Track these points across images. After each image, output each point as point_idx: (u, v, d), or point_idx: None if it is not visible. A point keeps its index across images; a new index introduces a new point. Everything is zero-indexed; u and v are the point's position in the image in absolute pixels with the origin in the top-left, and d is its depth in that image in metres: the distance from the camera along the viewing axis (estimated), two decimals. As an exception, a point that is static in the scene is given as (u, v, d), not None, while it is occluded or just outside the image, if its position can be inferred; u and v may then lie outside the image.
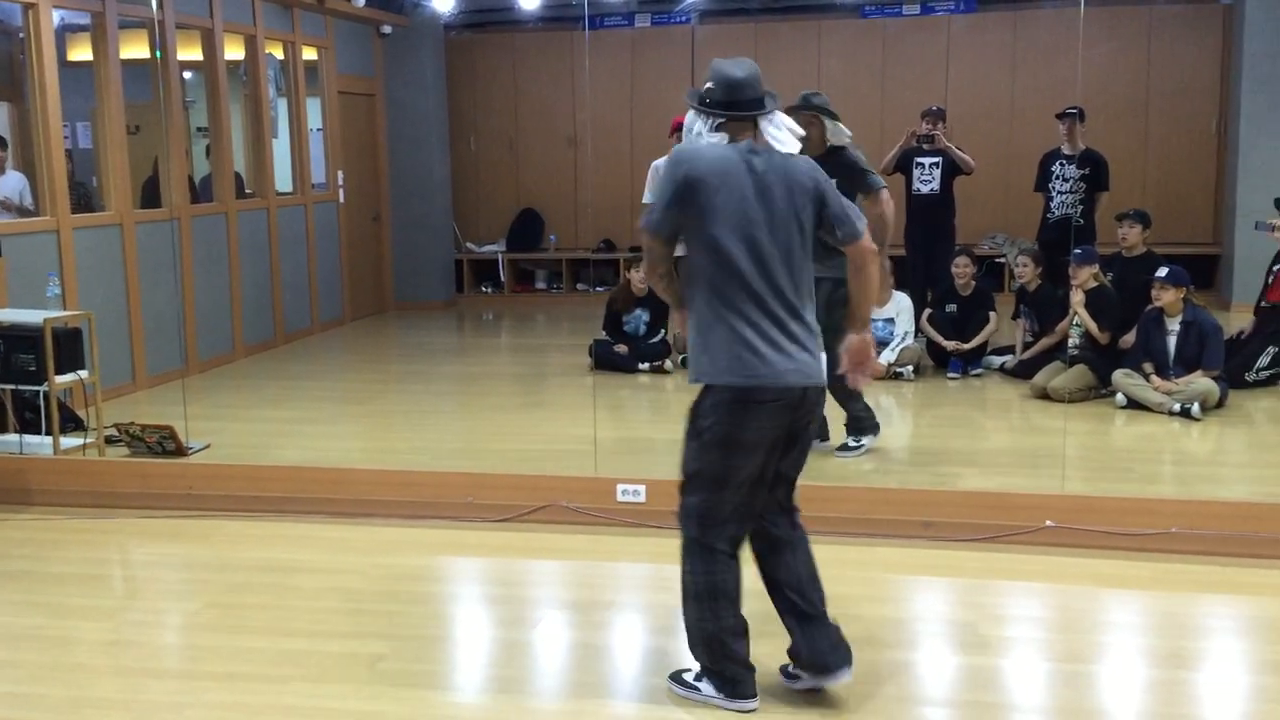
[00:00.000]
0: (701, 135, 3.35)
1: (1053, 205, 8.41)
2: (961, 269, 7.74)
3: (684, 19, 11.45)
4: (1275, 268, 7.31)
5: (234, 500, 5.37)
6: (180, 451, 5.90)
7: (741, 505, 3.33)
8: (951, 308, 7.75)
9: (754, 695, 3.37)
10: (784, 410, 3.24)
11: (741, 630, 3.37)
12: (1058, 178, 8.36)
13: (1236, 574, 4.43)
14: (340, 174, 10.35)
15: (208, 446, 6.07)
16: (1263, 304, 7.31)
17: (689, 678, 3.47)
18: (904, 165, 8.40)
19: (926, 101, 9.23)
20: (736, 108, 3.30)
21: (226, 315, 8.67)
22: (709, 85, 3.38)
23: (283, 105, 9.66)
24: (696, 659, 3.44)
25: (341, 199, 10.39)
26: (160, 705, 3.49)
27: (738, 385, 3.22)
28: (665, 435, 6.57)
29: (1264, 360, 6.99)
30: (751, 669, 3.38)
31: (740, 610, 3.37)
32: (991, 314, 7.72)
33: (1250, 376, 6.95)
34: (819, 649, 3.36)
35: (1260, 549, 4.56)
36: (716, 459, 3.30)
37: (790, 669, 3.48)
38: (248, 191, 9.27)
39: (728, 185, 3.20)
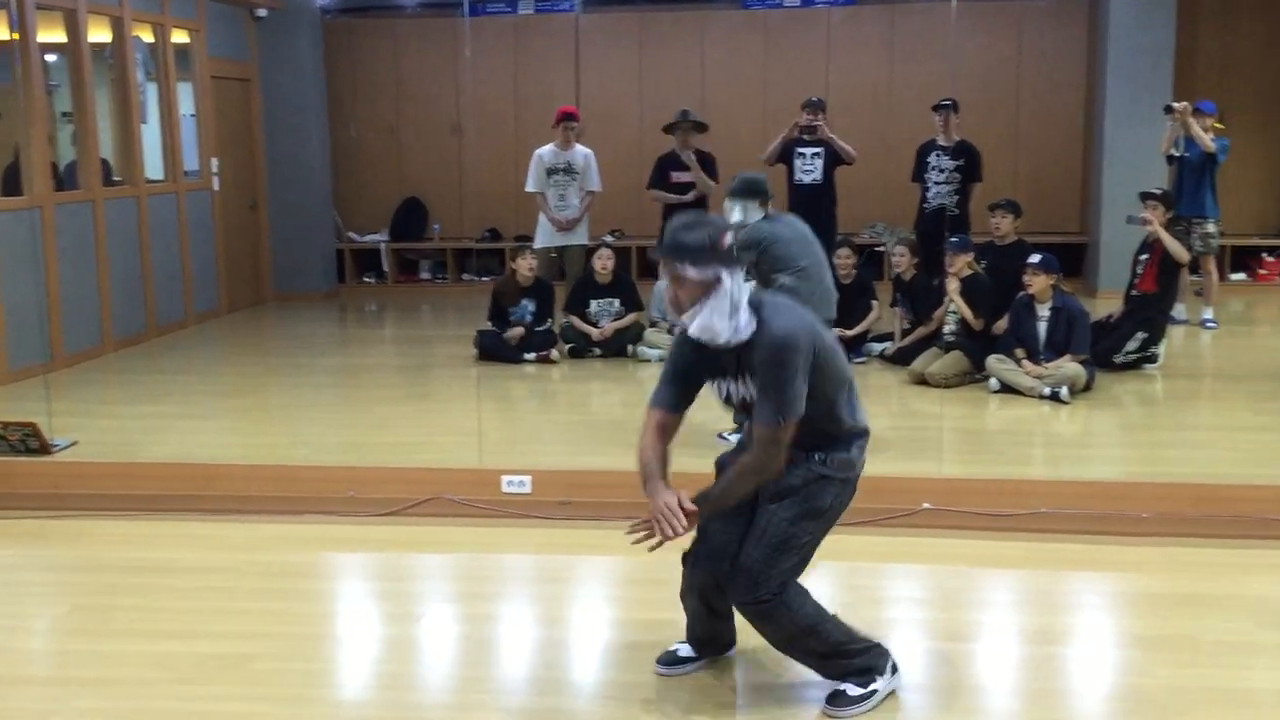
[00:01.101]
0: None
1: (929, 195, 8.60)
2: (844, 260, 7.85)
3: (567, 7, 11.40)
4: (1142, 257, 7.57)
5: (102, 499, 5.19)
6: (44, 449, 5.66)
7: None
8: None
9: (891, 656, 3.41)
10: None
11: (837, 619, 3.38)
12: (933, 168, 8.55)
13: (1104, 551, 4.59)
14: (215, 161, 10.06)
15: (74, 444, 5.84)
16: (1133, 292, 7.57)
17: (858, 691, 3.31)
18: (786, 156, 8.49)
19: (808, 93, 9.34)
20: None
21: (94, 307, 8.35)
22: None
23: (153, 90, 9.34)
24: (855, 672, 3.33)
25: (216, 187, 10.09)
26: (26, 713, 3.36)
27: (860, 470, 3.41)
28: (551, 425, 6.55)
29: (1132, 345, 7.26)
30: (872, 640, 3.41)
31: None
32: (873, 302, 7.87)
33: (1119, 359, 7.21)
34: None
35: (1126, 526, 4.74)
36: (822, 531, 3.33)
37: (684, 653, 3.55)
38: (115, 179, 8.94)
39: None
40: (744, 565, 3.22)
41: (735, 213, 5.57)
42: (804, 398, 3.11)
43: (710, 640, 3.57)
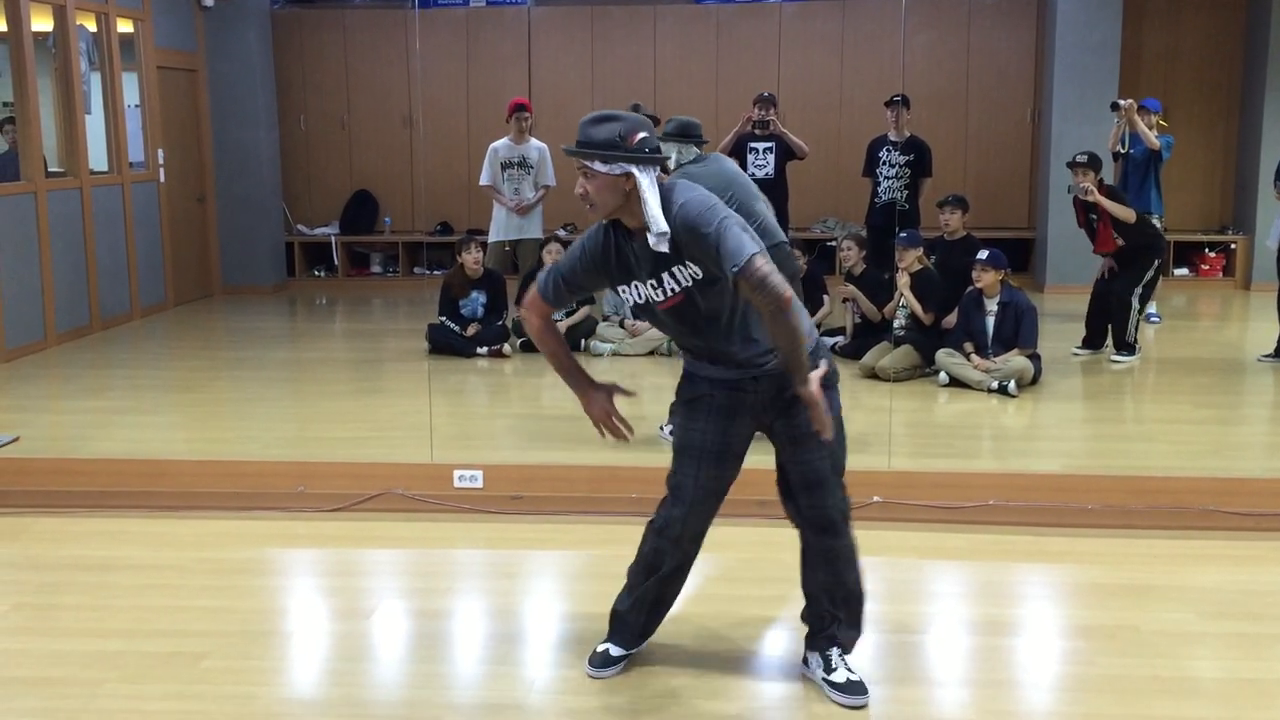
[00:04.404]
0: None
1: (880, 190, 8.66)
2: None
3: (519, 0, 11.35)
4: (1093, 216, 7.58)
5: (45, 496, 5.10)
6: (-14, 445, 5.57)
7: None
8: (784, 290, 7.89)
9: None
10: None
11: None
12: (884, 163, 8.61)
13: (1049, 543, 4.66)
14: (161, 153, 9.91)
15: (16, 440, 5.74)
16: (1109, 253, 7.61)
17: (847, 673, 3.37)
18: (739, 151, 8.52)
19: (759, 87, 9.38)
20: None
21: (36, 300, 8.21)
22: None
23: (96, 80, 9.19)
24: (856, 634, 3.43)
25: (162, 178, 9.95)
26: (-37, 715, 3.30)
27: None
28: (503, 420, 6.53)
29: (1149, 274, 7.50)
30: None
31: None
32: (824, 297, 7.92)
33: (1138, 292, 7.42)
34: None
35: (1070, 518, 4.81)
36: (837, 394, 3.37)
37: (615, 652, 3.56)
38: (51, 170, 8.75)
39: None
40: (824, 474, 3.26)
41: (672, 158, 5.52)
42: (752, 235, 3.02)
43: (642, 632, 3.55)
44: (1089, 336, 7.69)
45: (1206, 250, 10.83)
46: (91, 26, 9.08)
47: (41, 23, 8.54)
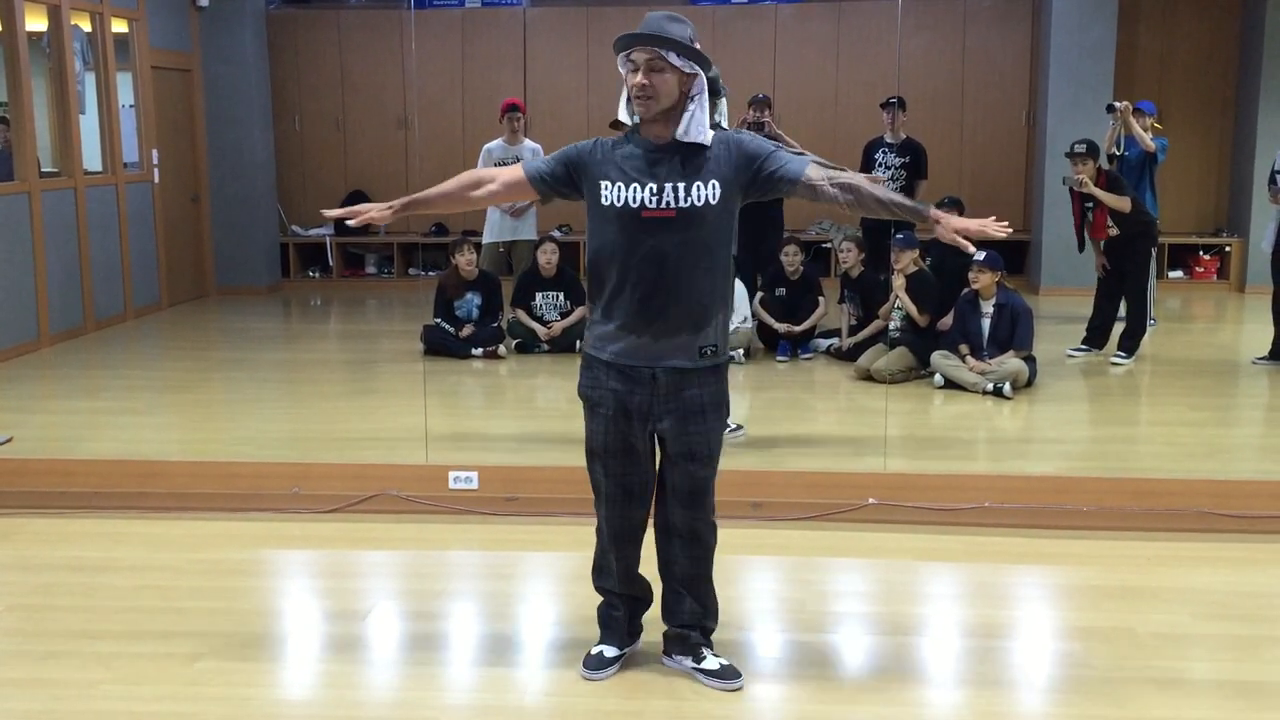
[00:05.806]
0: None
1: (875, 192, 8.64)
2: (791, 257, 7.90)
3: (514, 1, 11.35)
4: (1089, 205, 7.57)
5: (38, 497, 5.09)
6: (-21, 446, 5.55)
7: None
8: (781, 292, 7.91)
9: None
10: None
11: None
12: (880, 165, 8.60)
13: (1043, 544, 4.66)
14: (155, 153, 9.90)
15: (9, 440, 5.72)
16: (1102, 243, 7.61)
17: (716, 659, 3.47)
18: (733, 152, 8.49)
19: (755, 89, 9.37)
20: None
21: (30, 300, 8.19)
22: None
23: (91, 80, 9.17)
24: (713, 623, 3.53)
25: (156, 179, 9.93)
26: (-44, 717, 3.28)
27: None
28: (498, 421, 6.52)
29: (1152, 266, 7.73)
30: None
31: None
32: (820, 298, 7.92)
33: (1155, 285, 7.78)
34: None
35: (1064, 520, 4.82)
36: None
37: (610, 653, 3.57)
38: (45, 170, 8.73)
39: None
40: (694, 488, 3.30)
41: None
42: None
43: (630, 630, 3.57)
44: (1090, 336, 7.69)
45: (1201, 253, 10.85)
46: (86, 26, 9.07)
47: (36, 22, 8.52)
